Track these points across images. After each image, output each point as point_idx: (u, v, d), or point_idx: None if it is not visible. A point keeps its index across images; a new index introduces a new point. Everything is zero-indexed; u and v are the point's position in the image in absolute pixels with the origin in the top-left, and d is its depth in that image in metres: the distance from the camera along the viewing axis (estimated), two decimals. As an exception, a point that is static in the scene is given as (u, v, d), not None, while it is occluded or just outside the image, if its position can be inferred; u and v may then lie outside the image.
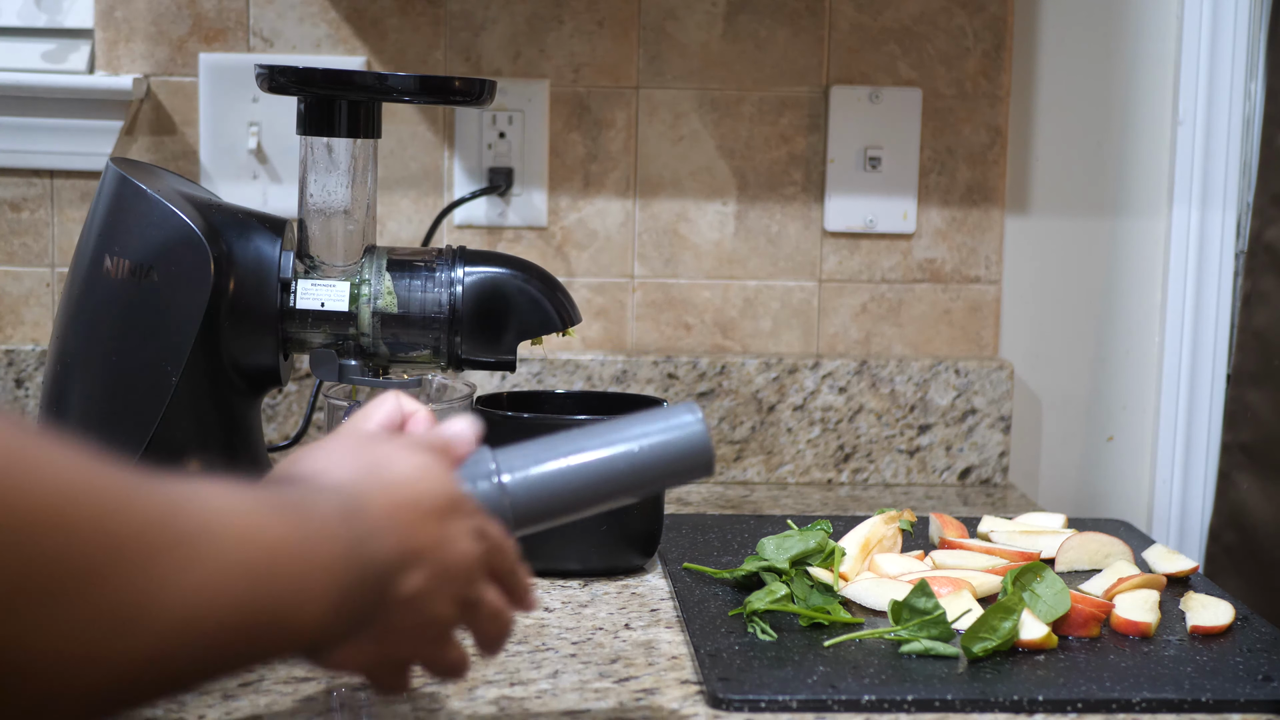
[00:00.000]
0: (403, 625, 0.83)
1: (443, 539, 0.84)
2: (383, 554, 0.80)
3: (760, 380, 1.76)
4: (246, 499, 0.73)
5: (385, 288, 1.33)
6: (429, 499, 0.84)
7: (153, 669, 0.66)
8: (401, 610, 0.82)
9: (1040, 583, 1.19)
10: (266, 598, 0.71)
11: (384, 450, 0.85)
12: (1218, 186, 1.76)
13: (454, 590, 0.85)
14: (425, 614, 0.84)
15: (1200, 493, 1.79)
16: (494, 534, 0.89)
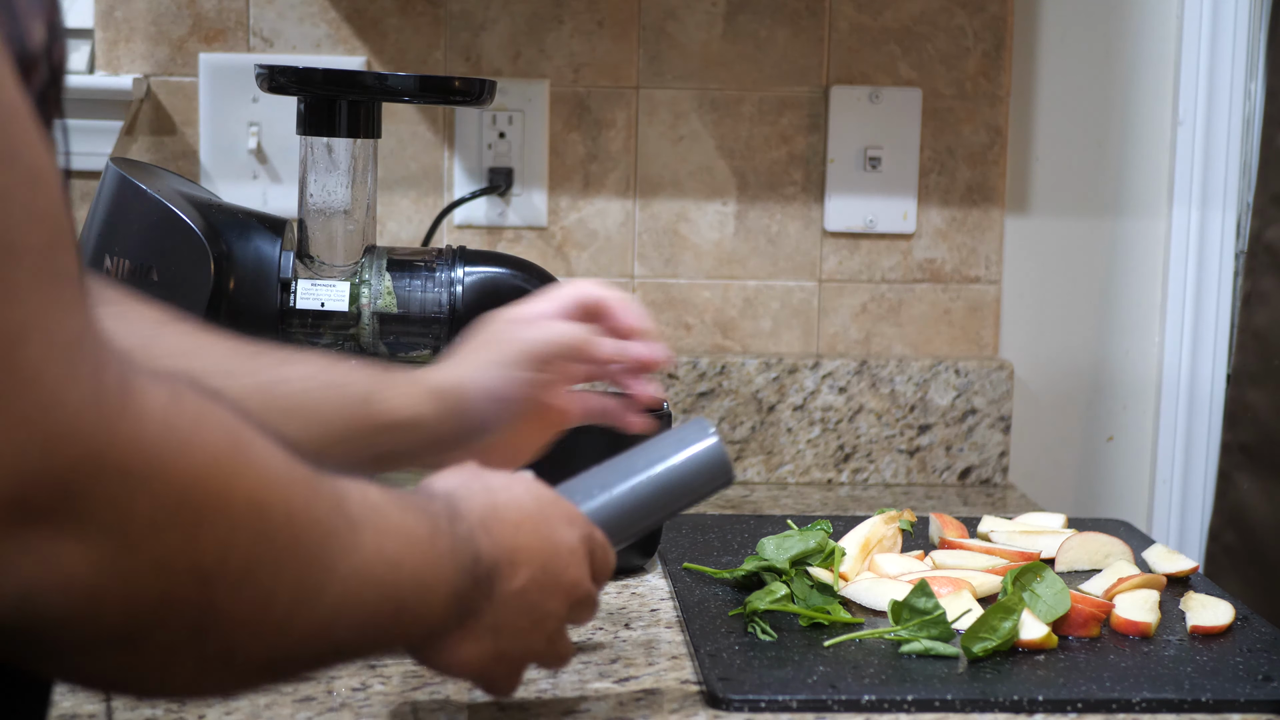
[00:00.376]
0: (516, 621, 0.88)
1: (548, 538, 0.90)
2: (486, 551, 0.85)
3: (760, 380, 1.76)
4: (388, 494, 0.79)
5: (385, 288, 1.33)
6: (528, 503, 0.90)
7: (317, 640, 0.74)
8: (513, 605, 0.88)
9: (1040, 583, 1.19)
10: (408, 583, 0.78)
11: (479, 472, 0.91)
12: (1218, 186, 1.76)
13: (564, 587, 0.91)
14: (538, 610, 0.89)
15: (1200, 493, 1.79)
16: (591, 532, 0.94)
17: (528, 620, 0.89)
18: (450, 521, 0.83)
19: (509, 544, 0.87)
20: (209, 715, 1.03)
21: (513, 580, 0.87)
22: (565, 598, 0.91)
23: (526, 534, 0.88)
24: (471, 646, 0.87)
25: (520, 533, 0.88)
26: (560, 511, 0.92)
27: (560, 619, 0.92)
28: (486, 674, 0.90)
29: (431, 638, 0.85)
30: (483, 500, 0.88)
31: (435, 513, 0.83)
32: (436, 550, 0.81)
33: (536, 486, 0.92)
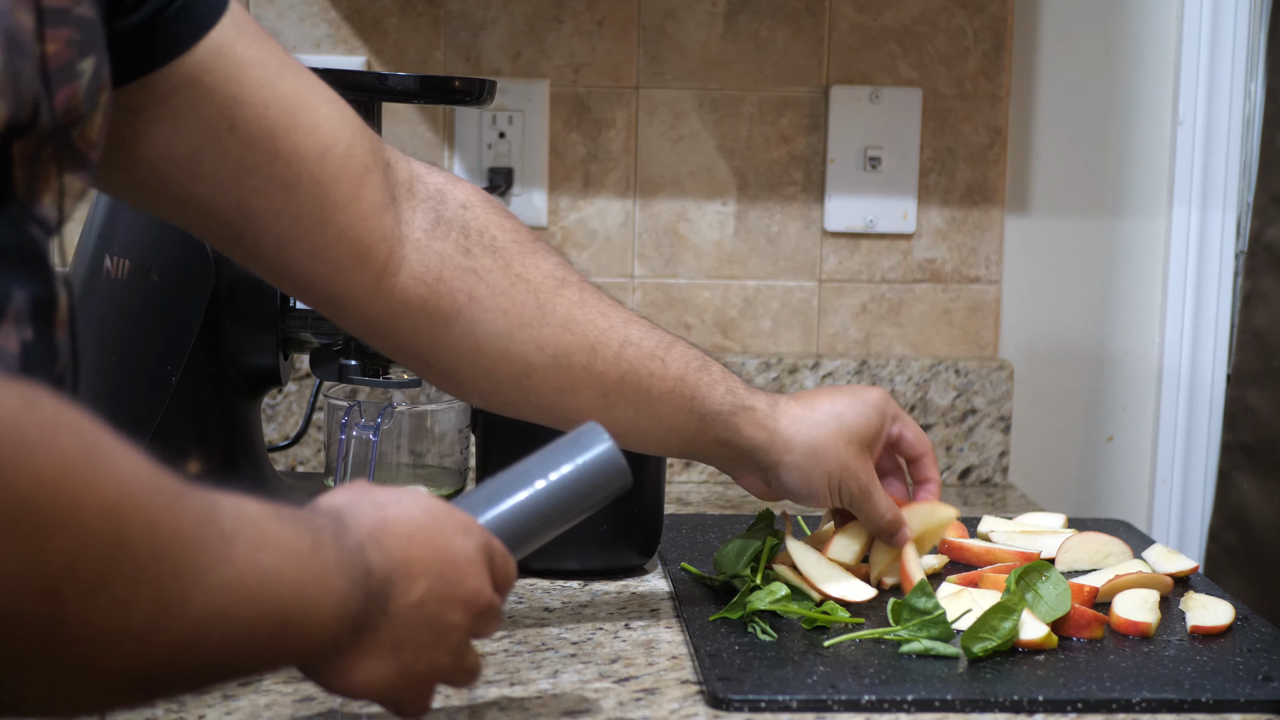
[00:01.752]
0: (418, 635, 0.86)
1: (443, 549, 0.88)
2: (378, 564, 0.83)
3: (760, 380, 1.76)
4: (266, 509, 0.78)
5: (385, 288, 1.32)
6: (419, 515, 0.88)
7: (185, 654, 0.72)
8: (412, 618, 0.86)
9: (1044, 582, 1.19)
10: (289, 597, 0.76)
11: (368, 489, 0.89)
12: (1218, 186, 1.76)
13: (464, 597, 0.88)
14: (439, 622, 0.87)
15: (1200, 493, 1.79)
16: (489, 541, 0.92)
17: (430, 633, 0.87)
18: (336, 535, 0.81)
19: (402, 556, 0.85)
20: (209, 715, 1.03)
21: (409, 593, 0.85)
22: (466, 608, 0.89)
23: (420, 545, 0.86)
24: (373, 664, 0.84)
25: (414, 544, 0.86)
26: (454, 522, 0.89)
27: (464, 630, 0.89)
28: (393, 693, 0.87)
29: (325, 655, 0.82)
30: (372, 515, 0.85)
31: (320, 527, 0.81)
32: (321, 563, 0.79)
33: (427, 500, 0.90)
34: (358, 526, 0.84)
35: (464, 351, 1.09)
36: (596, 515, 1.34)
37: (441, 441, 1.36)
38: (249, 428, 1.36)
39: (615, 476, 1.00)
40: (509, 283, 1.09)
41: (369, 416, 1.32)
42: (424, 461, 1.36)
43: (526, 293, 1.10)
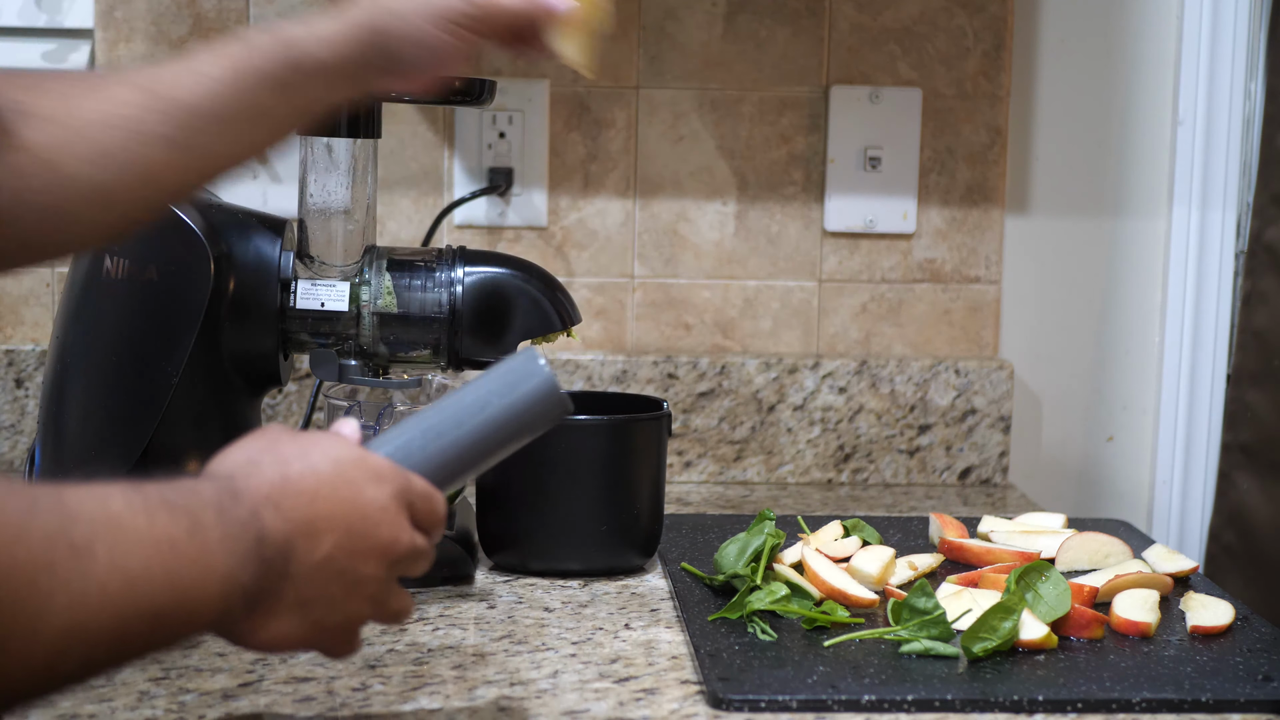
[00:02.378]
0: (327, 590, 0.86)
1: (351, 501, 0.86)
2: (275, 529, 0.83)
3: (760, 380, 1.76)
4: (136, 501, 0.77)
5: (385, 288, 1.33)
6: (326, 468, 0.86)
7: (47, 671, 0.73)
8: (318, 576, 0.85)
9: (1044, 582, 1.19)
10: (162, 590, 0.77)
11: (275, 438, 0.89)
12: (1218, 186, 1.76)
13: (378, 548, 0.87)
14: (350, 574, 0.86)
15: (1200, 493, 1.79)
16: (407, 485, 0.90)
17: (340, 587, 0.86)
18: (221, 511, 0.81)
19: (304, 515, 0.84)
20: (209, 716, 1.03)
21: (314, 551, 0.84)
22: (382, 557, 0.88)
23: (325, 500, 0.85)
24: (279, 624, 0.84)
25: (318, 501, 0.85)
26: (364, 472, 0.88)
27: (381, 580, 0.88)
28: (310, 645, 0.87)
29: (221, 627, 0.83)
30: (272, 475, 0.85)
31: (201, 505, 0.80)
32: (200, 546, 0.78)
33: (338, 448, 0.88)
34: (253, 491, 0.83)
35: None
36: (596, 515, 1.34)
37: (441, 441, 1.36)
38: (249, 428, 1.35)
39: (552, 405, 0.97)
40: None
41: (369, 416, 1.32)
42: (424, 461, 1.36)
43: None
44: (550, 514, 1.33)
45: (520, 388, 0.96)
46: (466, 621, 1.23)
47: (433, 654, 1.16)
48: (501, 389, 0.96)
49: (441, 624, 1.22)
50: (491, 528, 1.36)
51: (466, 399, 0.96)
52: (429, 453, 0.94)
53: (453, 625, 1.22)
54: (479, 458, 0.96)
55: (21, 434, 1.71)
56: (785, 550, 1.35)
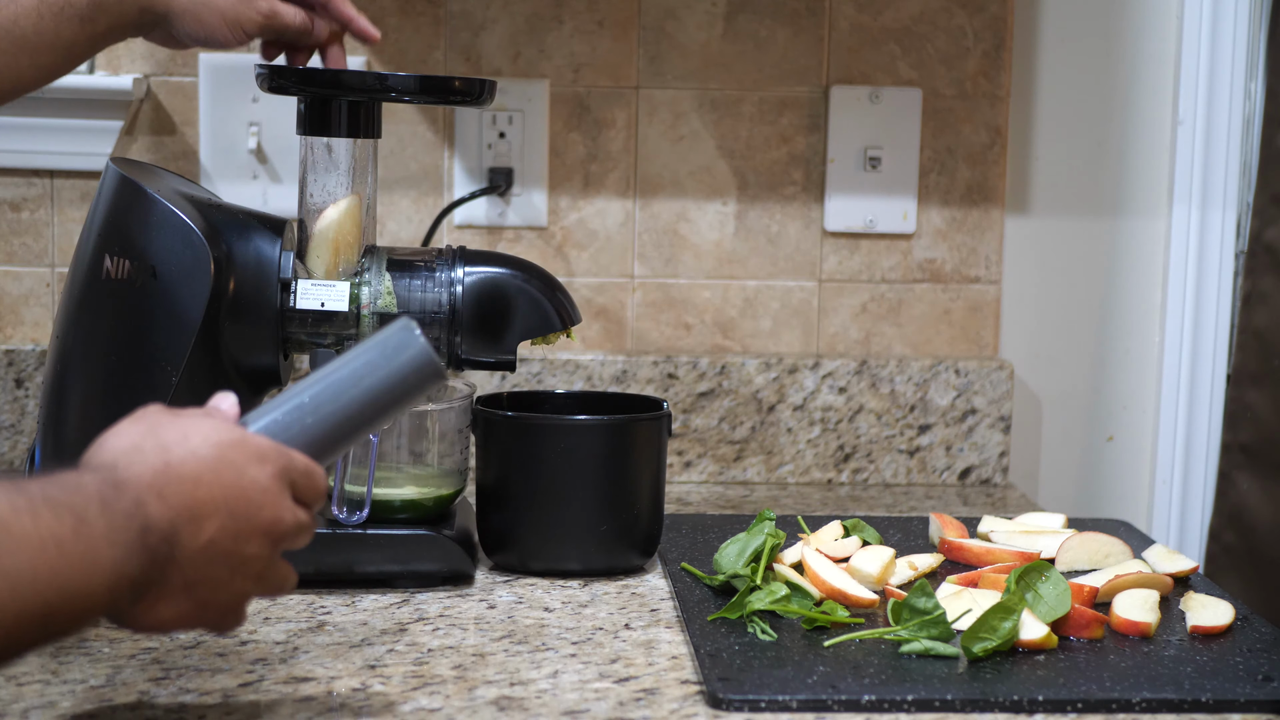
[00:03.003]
0: (211, 572, 0.88)
1: (234, 484, 0.88)
2: (159, 517, 0.85)
3: (760, 380, 1.76)
4: (20, 501, 0.79)
5: (385, 288, 1.33)
6: (207, 453, 0.88)
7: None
8: (202, 559, 0.87)
9: (1044, 582, 1.19)
10: (48, 590, 0.78)
11: (156, 422, 0.90)
12: (1218, 186, 1.76)
13: (261, 527, 0.90)
14: (235, 556, 0.89)
15: (1200, 493, 1.79)
16: (288, 464, 0.92)
17: (225, 568, 0.88)
18: (105, 502, 0.82)
19: (187, 501, 0.86)
20: (209, 716, 1.03)
21: (198, 536, 0.86)
22: (265, 537, 0.90)
23: (207, 486, 0.87)
24: (167, 607, 0.86)
25: (200, 486, 0.87)
26: (245, 454, 0.90)
27: (265, 558, 0.90)
28: (196, 624, 0.89)
29: (109, 616, 0.85)
30: (154, 462, 0.86)
31: (85, 500, 0.81)
32: (86, 541, 0.80)
33: (219, 431, 0.90)
34: (136, 480, 0.84)
35: None
36: (596, 515, 1.34)
37: (441, 441, 1.36)
38: (249, 428, 1.36)
39: (426, 373, 0.98)
40: None
41: (369, 416, 1.32)
42: (424, 461, 1.36)
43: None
44: (550, 514, 1.33)
45: (397, 359, 0.98)
46: (466, 621, 1.23)
47: (433, 654, 1.16)
48: (378, 360, 0.98)
49: (441, 624, 1.22)
50: (491, 528, 1.36)
51: (344, 371, 0.98)
52: (308, 426, 0.96)
53: (453, 625, 1.22)
54: (356, 429, 0.98)
55: (21, 434, 1.71)
56: (785, 550, 1.35)
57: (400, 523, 1.32)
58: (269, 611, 1.24)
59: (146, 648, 1.15)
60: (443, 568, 1.31)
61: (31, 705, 1.04)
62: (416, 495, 1.34)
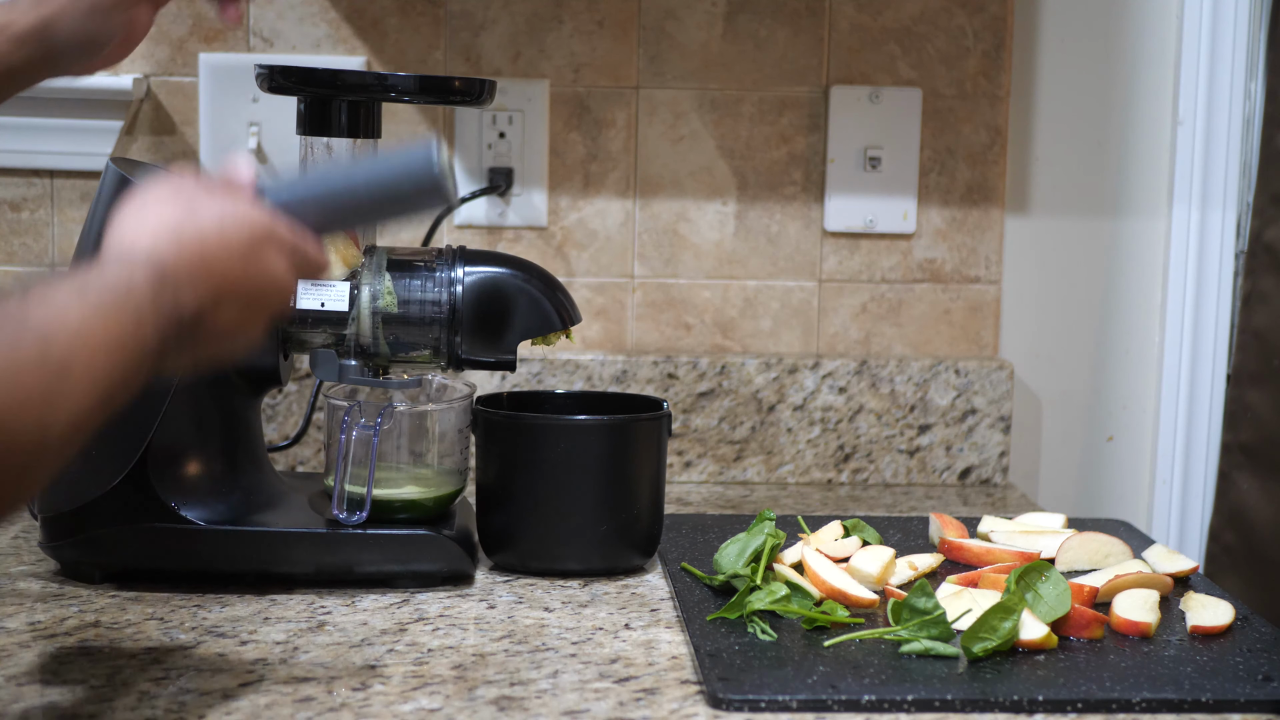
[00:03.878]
0: (223, 342, 0.99)
1: (253, 275, 0.98)
2: (188, 303, 0.94)
3: (760, 380, 1.76)
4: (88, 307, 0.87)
5: (385, 288, 1.33)
6: (233, 242, 0.97)
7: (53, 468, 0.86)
8: (220, 334, 0.98)
9: (1044, 582, 1.19)
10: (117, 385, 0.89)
11: (192, 203, 0.97)
12: (1218, 186, 1.76)
13: (268, 307, 1.01)
14: (244, 330, 1.00)
15: (1200, 493, 1.79)
16: (304, 252, 1.02)
17: (231, 335, 0.99)
18: (155, 304, 0.91)
19: (215, 292, 0.95)
20: (209, 716, 1.03)
21: (219, 317, 0.96)
22: (268, 314, 1.01)
23: (235, 279, 0.97)
24: (180, 364, 0.97)
25: (229, 280, 0.96)
26: (273, 245, 0.99)
27: (261, 326, 1.01)
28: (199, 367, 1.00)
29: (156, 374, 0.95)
30: (193, 253, 0.94)
31: (139, 302, 0.90)
32: (140, 339, 0.90)
33: (250, 218, 0.98)
34: (175, 273, 0.93)
35: None
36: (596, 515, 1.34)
37: (441, 441, 1.36)
38: (249, 428, 1.36)
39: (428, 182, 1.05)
40: None
41: (369, 416, 1.32)
42: (424, 461, 1.36)
43: None
44: (550, 514, 1.33)
45: (404, 160, 1.06)
46: (466, 621, 1.23)
47: (433, 654, 1.16)
48: (395, 160, 1.07)
49: (441, 624, 1.22)
50: (491, 528, 1.36)
51: (362, 165, 1.10)
52: (320, 200, 1.05)
53: (453, 625, 1.22)
54: (357, 217, 1.10)
55: None
56: (785, 550, 1.35)
57: (400, 523, 1.32)
58: (269, 611, 1.24)
59: (146, 648, 1.15)
60: (443, 568, 1.31)
61: (31, 705, 1.04)
62: (416, 495, 1.34)
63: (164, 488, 1.28)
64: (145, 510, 1.28)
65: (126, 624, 1.20)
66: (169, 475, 1.29)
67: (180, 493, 1.29)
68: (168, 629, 1.19)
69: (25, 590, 1.28)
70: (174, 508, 1.28)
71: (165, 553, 1.29)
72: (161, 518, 1.28)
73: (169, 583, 1.29)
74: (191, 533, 1.28)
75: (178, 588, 1.29)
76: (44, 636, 1.17)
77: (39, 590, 1.28)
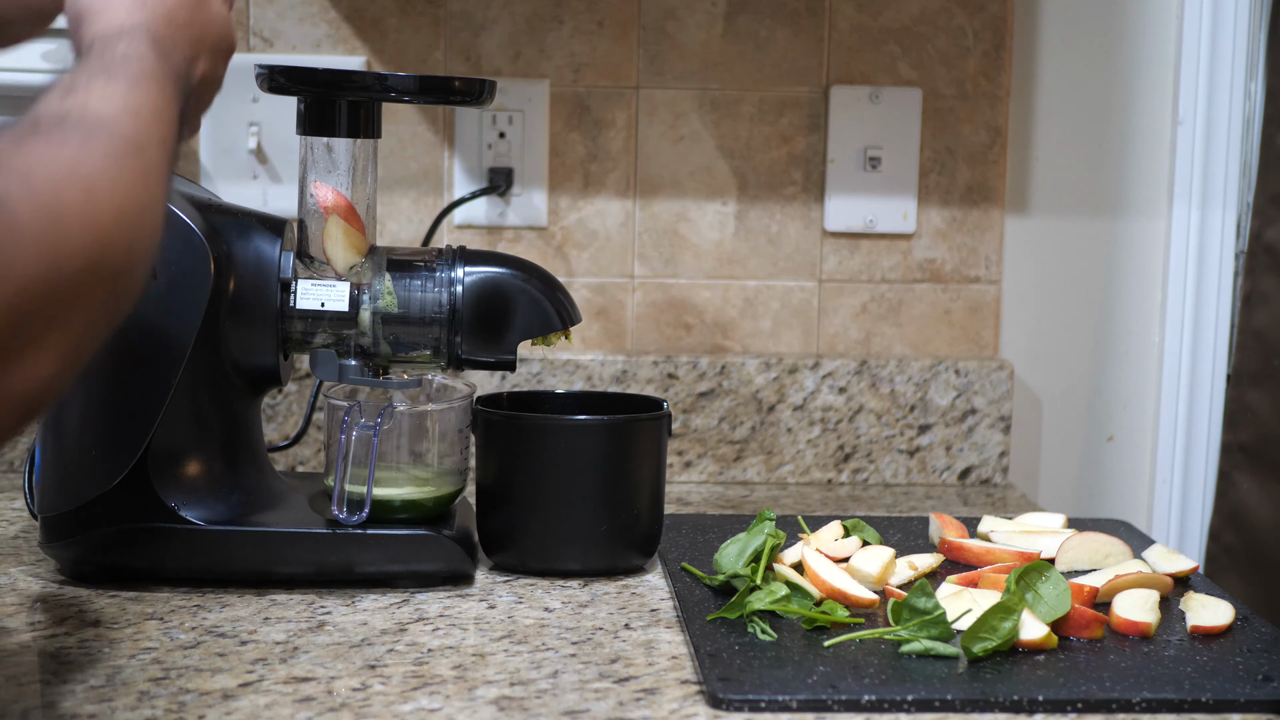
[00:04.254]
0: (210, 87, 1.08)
1: (208, 19, 1.06)
2: (180, 61, 1.01)
3: (760, 380, 1.76)
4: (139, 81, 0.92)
5: (385, 288, 1.33)
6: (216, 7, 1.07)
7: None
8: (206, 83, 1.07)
9: (1044, 582, 1.19)
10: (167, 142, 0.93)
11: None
12: (1218, 186, 1.76)
13: (228, 46, 1.09)
14: (218, 71, 1.09)
15: (1200, 493, 1.79)
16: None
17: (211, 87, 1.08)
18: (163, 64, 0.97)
19: (194, 46, 1.04)
20: (209, 716, 1.03)
21: (199, 69, 1.04)
22: (228, 56, 1.09)
23: (201, 29, 1.05)
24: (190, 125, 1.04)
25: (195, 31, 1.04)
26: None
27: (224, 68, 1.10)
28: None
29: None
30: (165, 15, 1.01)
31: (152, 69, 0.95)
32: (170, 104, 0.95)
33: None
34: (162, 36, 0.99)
35: None
36: (596, 515, 1.34)
37: (441, 441, 1.36)
38: (249, 428, 1.36)
39: None
40: None
41: (369, 416, 1.32)
42: (424, 461, 1.36)
43: None
44: (550, 514, 1.33)
45: None
46: (466, 621, 1.23)
47: (433, 654, 1.16)
48: None
49: (441, 624, 1.22)
50: (491, 528, 1.36)
51: None
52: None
53: (453, 625, 1.22)
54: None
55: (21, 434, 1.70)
56: (785, 550, 1.35)
57: (400, 523, 1.32)
58: (269, 611, 1.24)
59: (146, 648, 1.15)
60: (443, 568, 1.31)
61: (31, 705, 1.04)
62: (416, 495, 1.34)
63: (164, 488, 1.28)
64: (145, 510, 1.28)
65: (126, 624, 1.20)
66: (169, 475, 1.29)
67: (180, 493, 1.29)
68: (168, 629, 1.19)
69: (25, 590, 1.28)
70: (174, 508, 1.28)
71: (165, 553, 1.29)
72: (161, 518, 1.28)
73: (169, 583, 1.30)
74: (191, 533, 1.28)
75: (178, 588, 1.29)
76: (44, 636, 1.17)
77: (39, 590, 1.28)
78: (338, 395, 1.36)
